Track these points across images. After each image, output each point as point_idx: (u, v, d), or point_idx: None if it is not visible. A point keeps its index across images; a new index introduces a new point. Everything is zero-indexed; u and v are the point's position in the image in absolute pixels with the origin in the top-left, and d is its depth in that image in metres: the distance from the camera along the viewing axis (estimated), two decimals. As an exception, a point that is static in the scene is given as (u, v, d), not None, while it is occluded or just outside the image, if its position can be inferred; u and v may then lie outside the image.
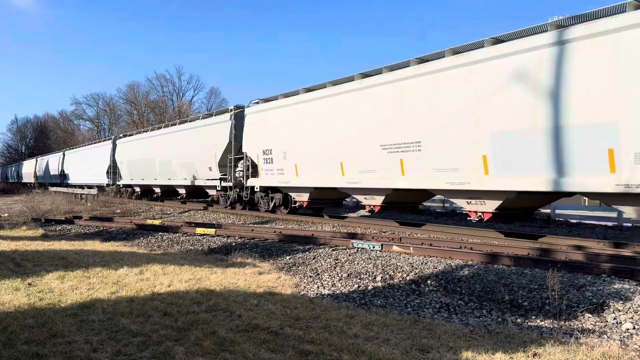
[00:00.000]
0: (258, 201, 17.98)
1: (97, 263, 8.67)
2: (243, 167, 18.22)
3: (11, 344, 4.43)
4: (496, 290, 6.44)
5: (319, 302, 6.15)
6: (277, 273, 8.12)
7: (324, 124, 13.92)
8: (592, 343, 4.38)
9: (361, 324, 5.11)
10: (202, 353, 4.21)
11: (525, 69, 8.98)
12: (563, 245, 9.58)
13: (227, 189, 19.67)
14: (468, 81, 9.97)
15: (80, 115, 76.22)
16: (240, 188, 18.69)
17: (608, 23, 7.95)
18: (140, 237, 13.31)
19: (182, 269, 8.11)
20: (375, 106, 12.22)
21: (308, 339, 4.57)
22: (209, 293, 6.40)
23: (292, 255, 9.58)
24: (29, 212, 19.34)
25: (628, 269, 6.69)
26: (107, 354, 4.22)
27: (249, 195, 18.19)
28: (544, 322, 5.38)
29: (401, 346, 4.38)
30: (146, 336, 4.66)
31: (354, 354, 4.15)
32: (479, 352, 4.18)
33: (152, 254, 10.46)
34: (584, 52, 8.22)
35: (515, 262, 7.60)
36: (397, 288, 7.00)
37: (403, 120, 11.41)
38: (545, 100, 8.68)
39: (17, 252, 10.06)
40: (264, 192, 17.52)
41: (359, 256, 8.88)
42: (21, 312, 5.50)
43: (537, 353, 4.16)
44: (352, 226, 13.72)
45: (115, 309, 5.61)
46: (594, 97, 8.07)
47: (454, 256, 8.35)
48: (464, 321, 5.55)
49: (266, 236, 11.72)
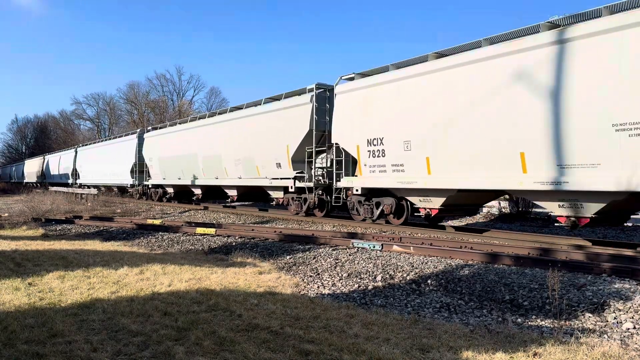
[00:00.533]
0: (353, 207, 13.86)
1: (97, 263, 8.67)
2: (325, 162, 14.94)
3: (11, 343, 4.43)
4: (496, 290, 6.44)
5: (319, 302, 6.15)
6: (278, 273, 8.12)
7: (486, 100, 9.97)
8: (593, 343, 4.37)
9: (361, 323, 5.10)
10: (202, 353, 4.21)
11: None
12: (564, 245, 9.57)
13: (302, 191, 15.71)
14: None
15: (81, 115, 76.41)
16: (324, 190, 15.05)
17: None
18: (140, 236, 13.31)
19: (182, 268, 8.11)
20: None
21: (308, 338, 4.56)
22: (209, 293, 6.40)
23: (292, 255, 9.58)
24: (30, 211, 19.34)
25: (628, 268, 6.69)
26: (107, 353, 4.22)
27: (342, 200, 14.23)
28: (544, 321, 5.38)
29: (401, 346, 4.37)
30: (146, 336, 4.65)
31: (354, 353, 4.15)
32: (479, 352, 4.18)
33: (153, 254, 10.45)
34: None
35: (516, 262, 7.60)
36: (397, 288, 7.00)
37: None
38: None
39: (17, 251, 10.05)
40: (364, 196, 13.45)
41: (359, 256, 8.88)
42: (21, 312, 5.49)
43: (537, 353, 4.16)
44: (352, 226, 13.70)
45: (116, 309, 5.61)
46: None
47: (454, 256, 8.34)
48: (465, 321, 5.55)
49: (266, 236, 11.72)
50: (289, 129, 15.52)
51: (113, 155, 30.85)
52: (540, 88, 9.08)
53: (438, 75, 11.03)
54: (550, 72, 8.98)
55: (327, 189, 14.98)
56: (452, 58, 10.86)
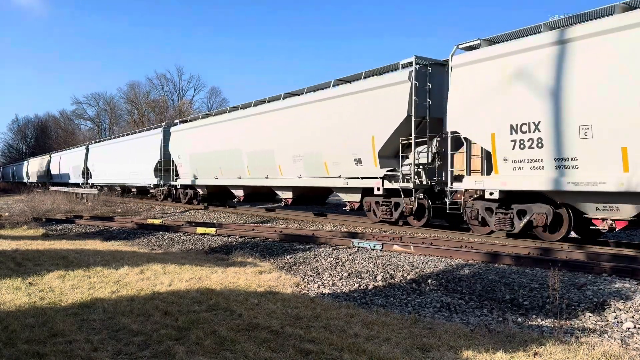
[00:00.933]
0: (476, 216, 10.69)
1: (97, 262, 8.67)
2: (427, 157, 11.82)
3: (12, 343, 4.43)
4: (497, 290, 6.44)
5: (319, 302, 6.15)
6: (278, 272, 8.12)
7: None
8: (593, 342, 4.37)
9: (362, 323, 5.10)
10: (202, 352, 4.21)
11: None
12: (564, 245, 9.56)
13: (392, 194, 12.69)
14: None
15: (81, 114, 76.45)
16: (425, 192, 12.10)
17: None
18: (141, 236, 13.32)
19: (182, 268, 8.12)
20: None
21: (309, 338, 4.56)
22: (210, 292, 6.40)
23: (292, 255, 9.58)
24: (30, 211, 19.35)
25: (629, 268, 6.69)
26: (108, 353, 4.22)
27: (449, 206, 11.13)
28: (544, 321, 5.38)
29: (402, 345, 4.37)
30: (147, 335, 4.66)
31: (354, 353, 4.15)
32: (479, 352, 4.18)
33: (153, 254, 10.46)
34: None
35: (516, 261, 7.60)
36: (397, 287, 7.00)
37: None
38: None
39: (18, 251, 10.06)
40: (498, 201, 10.23)
41: (360, 255, 8.88)
42: (22, 312, 5.50)
43: (537, 352, 4.16)
44: (353, 225, 13.69)
45: (116, 309, 5.61)
46: None
47: (455, 255, 8.34)
48: (465, 320, 5.55)
49: (267, 235, 11.72)
50: (373, 116, 12.64)
51: (133, 152, 27.96)
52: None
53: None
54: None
55: (427, 192, 12.17)
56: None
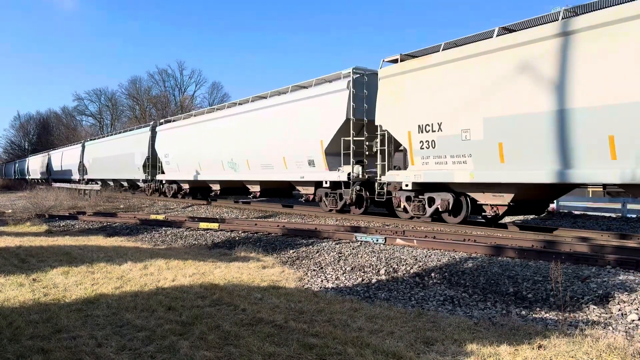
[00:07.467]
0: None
1: (101, 258, 8.69)
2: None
3: (16, 339, 4.44)
4: (500, 283, 6.42)
5: (322, 296, 6.15)
6: (281, 267, 8.13)
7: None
8: (597, 334, 4.36)
9: (365, 317, 5.10)
10: (206, 347, 4.21)
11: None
12: (567, 237, 9.54)
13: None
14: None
15: (83, 111, 76.43)
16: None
17: None
18: (144, 232, 13.34)
19: (185, 263, 8.13)
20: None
21: (312, 332, 4.56)
22: (213, 287, 6.41)
23: (295, 249, 9.58)
24: (33, 208, 19.37)
25: (633, 260, 6.67)
26: (112, 348, 4.23)
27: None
28: (548, 313, 5.37)
29: (405, 339, 4.37)
30: (151, 331, 4.67)
31: (358, 347, 4.15)
32: (483, 345, 4.17)
33: (156, 249, 10.48)
34: None
35: (520, 254, 7.58)
36: (401, 281, 6.99)
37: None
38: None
39: (21, 248, 10.09)
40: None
41: (363, 249, 8.87)
42: (26, 308, 5.51)
43: (542, 345, 4.15)
44: (355, 220, 13.69)
45: (120, 304, 5.62)
46: None
47: (458, 249, 8.33)
48: (469, 313, 5.55)
49: (269, 230, 11.72)
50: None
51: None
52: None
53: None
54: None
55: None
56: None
